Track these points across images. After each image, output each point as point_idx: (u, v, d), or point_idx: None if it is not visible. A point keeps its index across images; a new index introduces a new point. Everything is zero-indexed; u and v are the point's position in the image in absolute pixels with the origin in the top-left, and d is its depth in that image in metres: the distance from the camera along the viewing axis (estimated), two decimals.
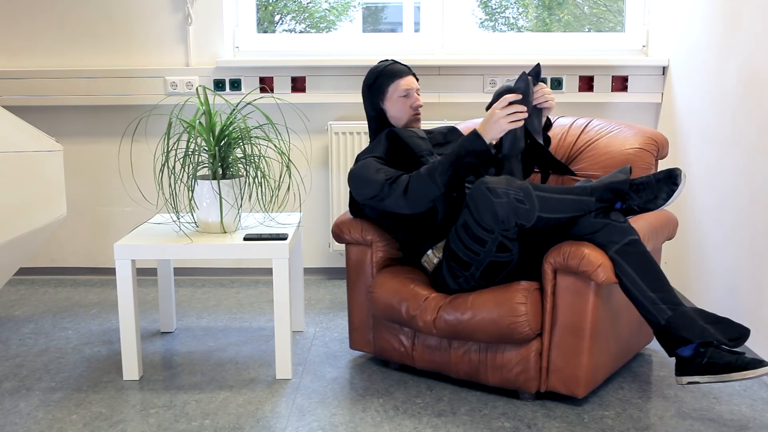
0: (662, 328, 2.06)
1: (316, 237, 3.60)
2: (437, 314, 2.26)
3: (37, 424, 2.14)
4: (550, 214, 2.12)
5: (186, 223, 2.66)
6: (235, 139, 2.48)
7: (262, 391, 2.34)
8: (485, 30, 5.10)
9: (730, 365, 1.98)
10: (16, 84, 3.48)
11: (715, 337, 2.01)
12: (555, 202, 2.12)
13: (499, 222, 2.11)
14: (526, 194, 2.11)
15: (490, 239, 2.15)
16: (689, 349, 2.04)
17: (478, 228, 2.14)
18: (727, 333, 2.05)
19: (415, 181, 2.25)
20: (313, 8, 6.12)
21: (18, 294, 3.40)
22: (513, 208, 2.10)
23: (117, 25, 3.47)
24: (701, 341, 2.01)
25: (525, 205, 2.10)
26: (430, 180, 2.23)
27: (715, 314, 2.08)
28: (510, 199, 2.09)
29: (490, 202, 2.10)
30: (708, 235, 2.86)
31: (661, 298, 2.07)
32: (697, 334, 2.02)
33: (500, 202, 2.10)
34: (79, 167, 3.59)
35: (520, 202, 2.10)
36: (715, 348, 2.02)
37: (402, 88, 2.46)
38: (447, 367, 2.34)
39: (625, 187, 2.15)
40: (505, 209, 2.10)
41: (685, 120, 3.10)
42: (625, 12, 3.52)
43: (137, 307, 2.43)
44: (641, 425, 2.11)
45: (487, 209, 2.11)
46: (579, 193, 2.15)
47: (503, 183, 2.12)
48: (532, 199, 2.10)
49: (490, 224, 2.12)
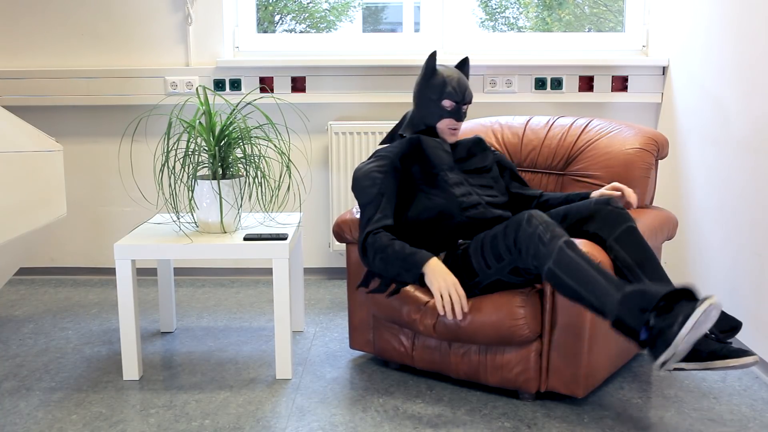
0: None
1: (316, 237, 3.60)
2: (437, 319, 2.26)
3: (37, 424, 2.14)
4: (561, 274, 1.97)
5: (186, 223, 2.66)
6: (235, 139, 2.48)
7: (262, 391, 2.34)
8: (485, 30, 5.10)
9: (715, 353, 1.95)
10: (16, 84, 3.48)
11: None
12: (574, 266, 1.96)
13: (515, 249, 2.08)
14: (551, 239, 2.02)
15: (507, 259, 2.12)
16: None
17: (502, 244, 2.12)
18: (719, 324, 2.06)
19: (373, 250, 2.24)
20: (313, 8, 6.12)
21: (18, 294, 3.40)
22: (533, 244, 2.03)
23: (117, 25, 3.47)
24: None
25: (544, 247, 2.02)
26: (382, 263, 2.23)
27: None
28: (535, 233, 2.03)
29: (519, 226, 2.07)
30: (708, 235, 2.86)
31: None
32: None
33: (526, 230, 2.05)
34: (79, 167, 3.59)
35: (542, 242, 2.02)
36: (703, 337, 2.00)
37: (448, 107, 2.40)
38: (447, 368, 2.34)
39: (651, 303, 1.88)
40: (526, 240, 2.05)
41: (685, 120, 3.10)
42: (625, 12, 3.52)
43: (137, 307, 2.43)
44: (641, 425, 2.11)
45: (514, 231, 2.08)
46: (609, 280, 1.94)
47: (543, 220, 2.05)
48: (553, 249, 2.00)
49: (510, 246, 2.09)
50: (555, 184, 2.65)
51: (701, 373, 2.46)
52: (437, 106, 2.39)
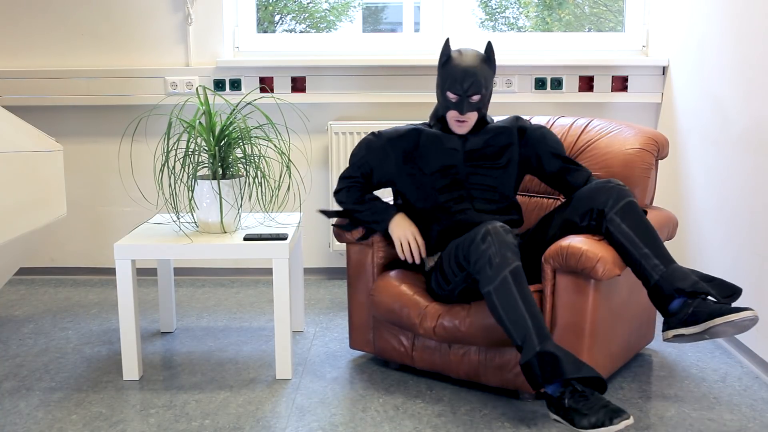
0: (655, 283, 2.06)
1: (316, 237, 3.60)
2: (437, 322, 2.26)
3: (37, 424, 2.14)
4: (497, 302, 2.01)
5: (186, 223, 2.66)
6: (235, 139, 2.48)
7: (262, 391, 2.34)
8: (485, 30, 5.11)
9: (714, 313, 1.97)
10: (16, 84, 3.48)
11: (706, 290, 2.02)
12: (511, 301, 2.00)
13: (466, 261, 2.12)
14: (499, 265, 2.02)
15: (466, 270, 2.15)
16: (678, 302, 2.04)
17: (461, 254, 2.14)
18: (719, 290, 2.06)
19: (346, 196, 2.44)
20: (313, 8, 6.12)
21: (18, 294, 3.40)
22: (481, 262, 2.05)
23: (117, 25, 3.47)
24: (692, 291, 2.01)
25: (490, 270, 2.03)
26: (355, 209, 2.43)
27: (708, 274, 2.09)
28: (486, 253, 2.04)
29: (473, 240, 2.09)
30: (708, 235, 2.86)
31: (656, 254, 2.08)
32: (689, 284, 2.03)
33: (479, 246, 2.06)
34: (79, 167, 3.59)
35: (489, 265, 2.03)
36: (702, 300, 2.02)
37: (451, 98, 2.32)
38: (447, 368, 2.34)
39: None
40: (476, 256, 2.06)
41: (685, 120, 3.10)
42: (625, 12, 3.52)
43: (137, 307, 2.43)
44: (641, 425, 2.11)
45: (469, 243, 2.10)
46: (537, 326, 1.99)
47: (498, 240, 2.05)
48: (497, 276, 2.02)
49: (466, 257, 2.12)
50: None
51: (701, 373, 2.46)
52: (444, 97, 2.34)
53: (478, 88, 2.28)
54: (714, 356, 2.61)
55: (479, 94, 2.29)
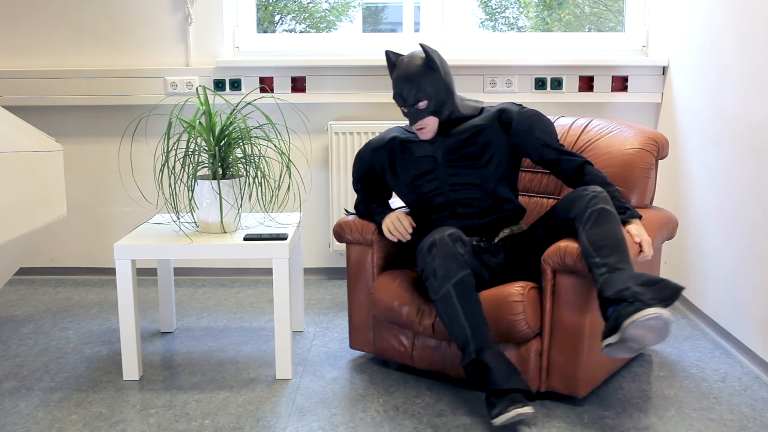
0: (597, 291, 2.00)
1: (316, 237, 3.60)
2: (435, 319, 2.26)
3: (37, 424, 2.14)
4: (442, 311, 2.11)
5: (186, 223, 2.66)
6: (235, 139, 2.48)
7: (262, 391, 2.34)
8: (485, 30, 5.11)
9: (623, 317, 1.88)
10: (16, 84, 3.48)
11: (630, 294, 1.91)
12: (453, 312, 2.09)
13: (421, 271, 2.16)
14: (443, 277, 2.09)
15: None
16: (610, 311, 1.96)
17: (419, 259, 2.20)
18: (660, 293, 1.93)
19: (359, 207, 2.54)
20: (313, 8, 6.12)
21: (18, 294, 3.40)
22: (427, 273, 2.12)
23: (117, 25, 3.47)
24: (616, 297, 1.92)
25: (435, 281, 2.10)
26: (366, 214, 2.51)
27: (655, 276, 1.97)
28: (431, 265, 2.11)
29: (421, 251, 2.15)
30: (708, 235, 2.86)
31: (605, 262, 1.99)
32: (614, 291, 1.93)
33: (426, 257, 2.13)
34: (79, 167, 3.59)
35: (434, 276, 2.10)
36: (629, 304, 1.90)
37: (402, 110, 2.33)
38: (447, 368, 2.34)
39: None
40: (423, 265, 2.14)
41: (685, 120, 3.10)
42: (625, 12, 3.52)
43: (137, 307, 2.43)
44: (641, 425, 2.11)
45: (418, 253, 2.17)
46: (476, 335, 2.08)
47: (444, 252, 2.10)
48: (441, 288, 2.09)
49: (418, 265, 2.19)
50: (555, 184, 2.65)
51: (701, 373, 2.46)
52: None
53: (420, 95, 2.24)
54: (714, 356, 2.61)
55: (425, 100, 2.25)
